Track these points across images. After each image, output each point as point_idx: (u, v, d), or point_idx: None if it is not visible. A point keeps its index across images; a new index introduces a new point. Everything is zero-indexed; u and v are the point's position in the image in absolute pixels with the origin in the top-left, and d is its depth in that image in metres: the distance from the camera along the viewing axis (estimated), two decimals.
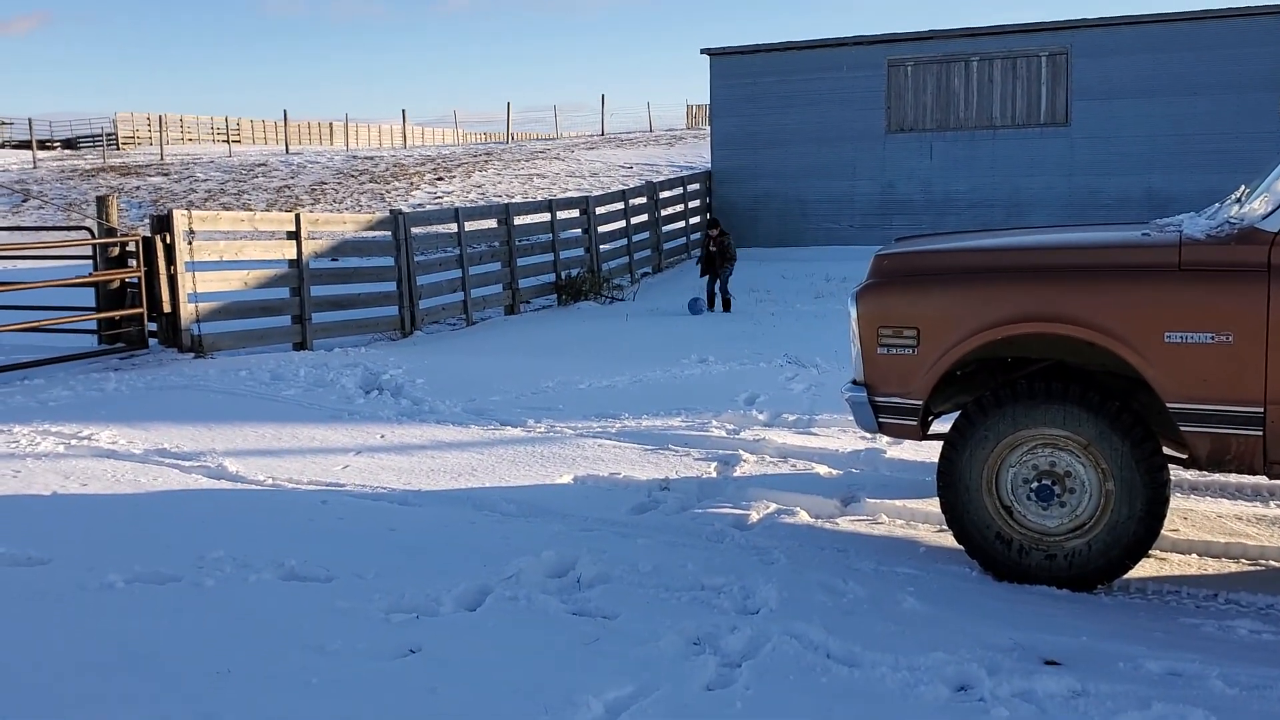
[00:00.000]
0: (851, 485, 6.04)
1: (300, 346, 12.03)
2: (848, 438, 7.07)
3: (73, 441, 7.21)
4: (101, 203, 12.13)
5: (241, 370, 9.75)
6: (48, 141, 50.54)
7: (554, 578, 4.59)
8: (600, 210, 18.64)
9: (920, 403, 4.80)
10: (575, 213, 18.03)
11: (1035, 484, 4.57)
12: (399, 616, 4.17)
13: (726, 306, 15.68)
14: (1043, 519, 4.58)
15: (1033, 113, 21.10)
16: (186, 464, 6.69)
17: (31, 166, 37.69)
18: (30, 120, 44.54)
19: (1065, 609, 4.33)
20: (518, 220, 16.36)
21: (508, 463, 6.70)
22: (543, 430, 7.56)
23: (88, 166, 36.54)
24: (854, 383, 5.03)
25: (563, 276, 17.01)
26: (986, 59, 21.36)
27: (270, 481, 6.34)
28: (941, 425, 5.08)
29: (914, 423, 4.87)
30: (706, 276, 15.95)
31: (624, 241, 19.44)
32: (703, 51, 23.47)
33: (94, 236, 11.97)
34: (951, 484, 4.69)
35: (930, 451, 6.32)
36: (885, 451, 6.60)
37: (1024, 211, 20.84)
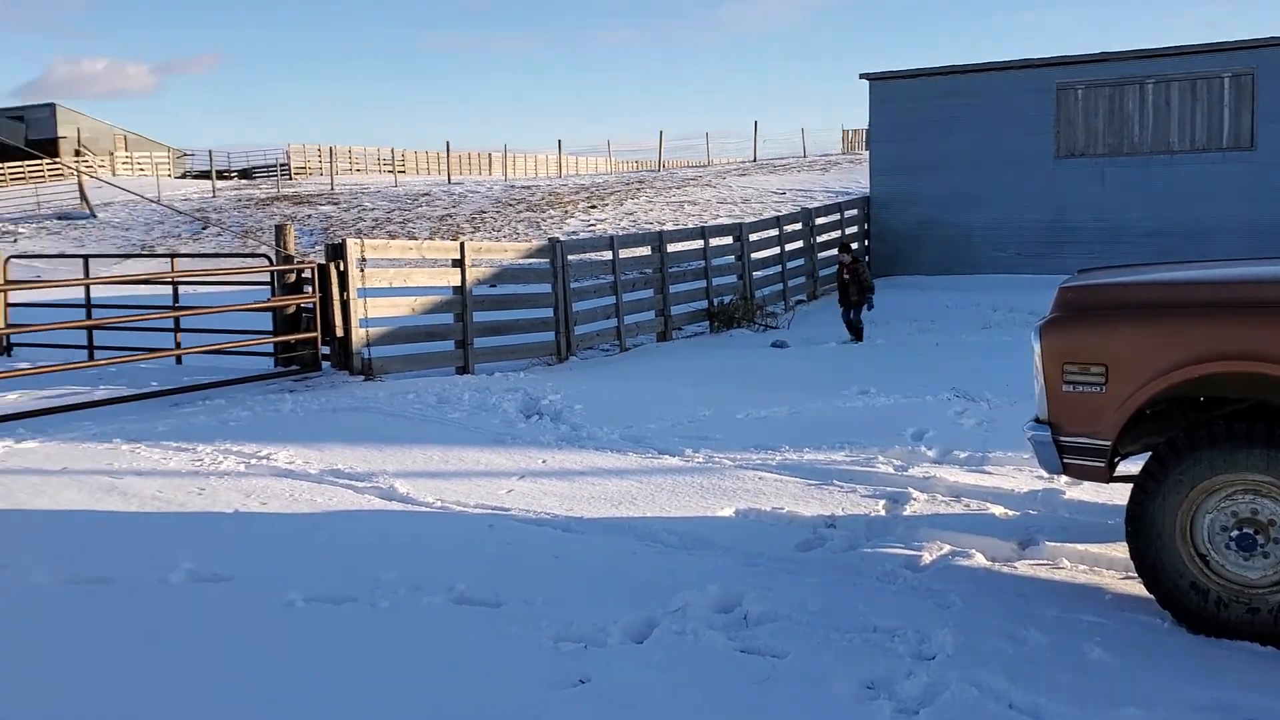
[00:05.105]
0: (1029, 527, 5.78)
1: (463, 370, 12.31)
2: (1024, 477, 6.78)
3: (252, 461, 7.51)
4: (279, 231, 12.70)
5: (409, 393, 10.02)
6: (225, 172, 53.42)
7: (720, 613, 4.53)
8: (754, 237, 18.55)
9: (1108, 443, 4.56)
10: (728, 239, 17.99)
11: (1235, 532, 4.28)
12: (568, 645, 4.17)
13: (858, 337, 14.93)
14: (1244, 570, 4.28)
15: (1214, 136, 20.09)
16: (359, 484, 6.88)
17: (211, 195, 39.91)
18: (210, 152, 47.18)
19: (1271, 667, 4.03)
20: (670, 247, 16.43)
21: (667, 492, 6.67)
22: (701, 460, 7.51)
23: (262, 195, 38.45)
24: (1036, 421, 4.82)
25: (715, 304, 16.95)
26: (1163, 81, 20.46)
27: (439, 504, 6.47)
28: (1128, 466, 4.83)
29: (1101, 464, 4.64)
30: (843, 307, 15.34)
31: (778, 269, 19.30)
32: (862, 76, 23.21)
33: (271, 263, 12.53)
34: (1142, 530, 4.44)
35: (1112, 493, 6.01)
36: (1064, 492, 6.30)
37: (1204, 241, 19.77)
